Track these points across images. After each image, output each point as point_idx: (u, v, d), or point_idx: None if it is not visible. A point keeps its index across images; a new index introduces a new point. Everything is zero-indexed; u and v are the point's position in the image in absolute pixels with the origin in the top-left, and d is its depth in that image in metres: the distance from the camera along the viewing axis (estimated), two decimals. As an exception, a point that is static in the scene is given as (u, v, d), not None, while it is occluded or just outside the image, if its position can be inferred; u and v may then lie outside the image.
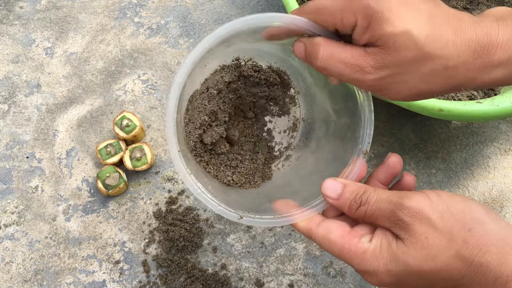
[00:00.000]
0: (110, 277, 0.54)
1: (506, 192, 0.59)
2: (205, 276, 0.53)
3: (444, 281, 0.30)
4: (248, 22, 0.36)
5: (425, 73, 0.31)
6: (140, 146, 0.59)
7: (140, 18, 0.72)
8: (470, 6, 0.64)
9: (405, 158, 0.61)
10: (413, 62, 0.31)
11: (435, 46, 0.31)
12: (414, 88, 0.32)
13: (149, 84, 0.66)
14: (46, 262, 0.55)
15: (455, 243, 0.29)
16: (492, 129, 0.64)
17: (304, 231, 0.35)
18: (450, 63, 0.31)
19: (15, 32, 0.71)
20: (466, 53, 0.31)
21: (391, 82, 0.32)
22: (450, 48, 0.31)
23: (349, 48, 0.32)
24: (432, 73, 0.31)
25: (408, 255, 0.30)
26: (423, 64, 0.31)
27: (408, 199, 0.30)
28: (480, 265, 0.29)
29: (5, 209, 0.58)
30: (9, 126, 0.63)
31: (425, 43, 0.30)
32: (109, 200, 0.58)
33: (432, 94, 0.33)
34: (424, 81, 0.31)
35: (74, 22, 0.72)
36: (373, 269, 0.31)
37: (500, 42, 0.31)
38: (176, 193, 0.59)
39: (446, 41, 0.31)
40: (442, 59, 0.31)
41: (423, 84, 0.32)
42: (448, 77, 0.31)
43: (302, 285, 0.53)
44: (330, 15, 0.33)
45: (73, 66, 0.68)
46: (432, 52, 0.31)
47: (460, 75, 0.31)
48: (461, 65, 0.31)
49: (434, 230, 0.30)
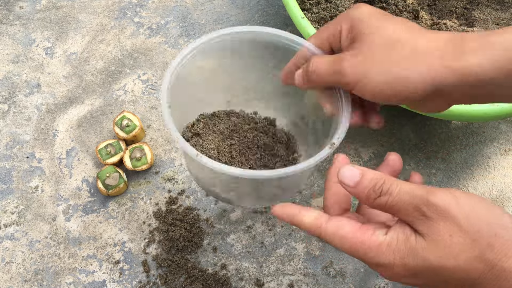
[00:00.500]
0: (110, 277, 0.54)
1: (506, 192, 0.59)
2: (205, 276, 0.53)
3: (462, 280, 0.30)
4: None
5: (396, 56, 0.33)
6: (140, 146, 0.59)
7: (140, 18, 0.72)
8: (470, 6, 0.64)
9: (405, 158, 0.61)
10: (384, 46, 0.33)
11: (404, 35, 0.33)
12: (388, 73, 0.33)
13: (149, 84, 0.67)
14: (46, 262, 0.55)
15: (480, 244, 0.29)
16: (492, 129, 0.64)
17: (312, 228, 0.34)
18: (419, 47, 0.33)
19: (15, 32, 0.71)
20: (437, 41, 0.33)
21: (365, 68, 0.34)
22: (421, 37, 0.33)
23: (332, 54, 0.37)
24: (402, 56, 0.33)
25: (428, 251, 0.30)
26: (392, 47, 0.33)
27: (434, 196, 0.30)
28: (503, 270, 0.29)
29: (5, 209, 0.58)
30: (9, 126, 0.63)
31: (394, 33, 0.34)
32: (109, 200, 0.58)
33: (408, 84, 0.33)
34: (396, 64, 0.33)
35: (74, 22, 0.72)
36: (388, 262, 0.31)
37: (472, 35, 0.32)
38: (176, 193, 0.59)
39: (418, 32, 0.34)
40: (411, 43, 0.33)
41: (395, 67, 0.33)
42: (418, 62, 0.32)
43: (302, 285, 0.53)
44: (325, 30, 0.39)
45: (73, 66, 0.68)
46: (401, 37, 0.33)
47: (433, 60, 0.32)
48: (432, 49, 0.32)
49: (459, 229, 0.29)
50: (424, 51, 0.33)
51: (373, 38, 0.34)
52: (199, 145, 0.48)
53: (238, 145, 0.49)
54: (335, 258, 0.55)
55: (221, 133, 0.50)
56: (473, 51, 0.31)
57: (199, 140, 0.48)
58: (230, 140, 0.49)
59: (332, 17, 0.61)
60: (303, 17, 0.56)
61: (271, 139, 0.50)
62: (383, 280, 0.53)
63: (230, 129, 0.50)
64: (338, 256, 0.55)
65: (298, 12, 0.56)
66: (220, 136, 0.49)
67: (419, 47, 0.33)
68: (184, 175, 0.60)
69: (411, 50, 0.33)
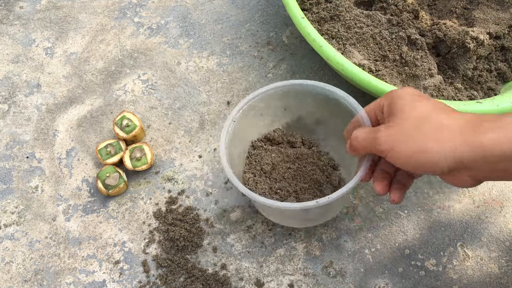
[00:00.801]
0: (110, 277, 0.54)
1: (506, 192, 0.59)
2: (205, 276, 0.53)
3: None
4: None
5: (423, 131, 0.38)
6: (140, 146, 0.59)
7: (140, 18, 0.72)
8: (470, 6, 0.64)
9: (405, 158, 0.61)
10: (414, 121, 0.39)
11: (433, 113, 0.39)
12: (414, 145, 0.38)
13: (149, 84, 0.67)
14: (46, 262, 0.55)
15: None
16: (492, 129, 0.64)
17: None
18: (444, 124, 0.37)
19: (15, 32, 0.71)
20: (459, 119, 0.37)
21: (397, 139, 0.39)
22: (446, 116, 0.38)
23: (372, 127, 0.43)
24: (428, 131, 0.38)
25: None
26: (422, 123, 0.38)
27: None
28: None
29: (5, 209, 0.58)
30: (9, 126, 0.63)
31: (425, 110, 0.39)
32: (109, 200, 0.58)
33: (431, 155, 0.37)
34: (422, 137, 0.38)
35: (74, 22, 0.72)
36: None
37: (490, 116, 0.37)
38: (176, 193, 0.59)
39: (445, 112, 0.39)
40: (437, 121, 0.38)
41: (421, 141, 0.38)
42: (441, 137, 0.37)
43: (302, 285, 0.53)
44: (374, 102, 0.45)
45: (73, 66, 0.68)
46: (430, 115, 0.38)
47: (454, 136, 0.37)
48: (454, 127, 0.37)
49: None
50: (447, 128, 0.37)
51: (406, 114, 0.39)
52: (259, 157, 0.55)
53: (294, 169, 0.55)
54: (335, 258, 0.55)
55: (287, 155, 0.56)
56: (490, 129, 0.35)
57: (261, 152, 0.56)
58: (292, 164, 0.55)
59: (332, 17, 0.61)
60: (303, 17, 0.56)
61: (325, 178, 0.54)
62: (383, 280, 0.54)
63: (294, 156, 0.56)
64: (338, 256, 0.55)
65: (298, 12, 0.56)
66: (283, 157, 0.56)
67: (444, 124, 0.38)
68: (184, 175, 0.60)
69: (436, 127, 0.38)
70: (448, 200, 0.58)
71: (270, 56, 0.69)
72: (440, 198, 0.58)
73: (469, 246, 0.55)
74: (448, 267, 0.54)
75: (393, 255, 0.55)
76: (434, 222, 0.57)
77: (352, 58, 0.57)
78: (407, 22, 0.61)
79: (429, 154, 0.37)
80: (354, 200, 0.58)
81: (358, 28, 0.60)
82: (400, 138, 0.39)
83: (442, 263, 0.54)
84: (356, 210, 0.57)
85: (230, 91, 0.66)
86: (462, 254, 0.55)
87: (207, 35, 0.71)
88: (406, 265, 0.54)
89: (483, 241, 0.56)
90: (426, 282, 0.53)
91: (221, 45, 0.70)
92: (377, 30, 0.60)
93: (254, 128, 0.56)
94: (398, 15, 0.62)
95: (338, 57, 0.53)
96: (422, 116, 0.39)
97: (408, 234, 0.56)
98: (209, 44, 0.70)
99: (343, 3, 0.62)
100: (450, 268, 0.54)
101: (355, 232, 0.56)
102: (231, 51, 0.69)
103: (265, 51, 0.69)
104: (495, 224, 0.57)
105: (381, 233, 0.56)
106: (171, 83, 0.66)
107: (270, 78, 0.67)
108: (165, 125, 0.63)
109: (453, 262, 0.54)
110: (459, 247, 0.55)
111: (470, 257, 0.55)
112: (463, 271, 0.54)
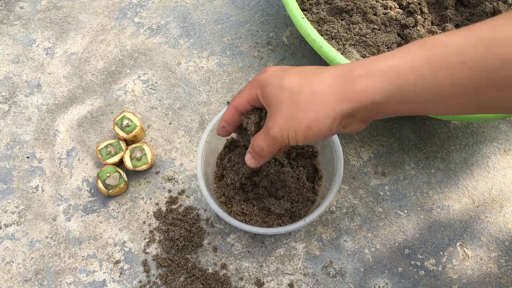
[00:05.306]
0: (110, 276, 0.54)
1: (506, 192, 0.59)
2: (205, 276, 0.53)
3: None
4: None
5: (302, 105, 0.38)
6: (140, 146, 0.59)
7: (140, 18, 0.72)
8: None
9: (405, 158, 0.61)
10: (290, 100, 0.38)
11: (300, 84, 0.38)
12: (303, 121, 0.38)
13: (149, 84, 0.67)
14: (47, 262, 0.55)
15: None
16: (491, 129, 0.64)
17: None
18: (316, 90, 0.37)
19: (16, 32, 0.71)
20: (329, 80, 0.37)
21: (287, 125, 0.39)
22: (314, 80, 0.38)
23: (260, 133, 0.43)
24: (306, 103, 0.38)
25: None
26: (296, 98, 0.38)
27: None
28: None
29: (5, 209, 0.58)
30: (10, 126, 0.64)
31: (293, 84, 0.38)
32: (109, 200, 0.59)
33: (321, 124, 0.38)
34: (304, 111, 0.38)
35: (74, 22, 0.72)
36: None
37: (358, 64, 0.37)
38: (176, 193, 0.59)
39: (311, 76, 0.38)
40: (308, 89, 0.38)
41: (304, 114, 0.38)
42: (319, 104, 0.37)
43: (302, 284, 0.53)
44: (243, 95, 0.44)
45: (73, 66, 0.68)
46: (299, 87, 0.38)
47: (329, 98, 0.37)
48: (326, 89, 0.37)
49: None
50: (320, 93, 0.37)
51: (279, 97, 0.39)
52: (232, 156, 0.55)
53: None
54: (335, 258, 0.55)
55: None
56: (362, 77, 0.36)
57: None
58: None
59: (331, 17, 0.61)
60: (303, 17, 0.56)
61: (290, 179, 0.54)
62: (383, 280, 0.54)
63: None
64: (338, 256, 0.55)
65: (298, 12, 0.57)
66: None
67: (316, 90, 0.38)
68: (184, 175, 0.60)
69: (311, 96, 0.38)
70: (448, 200, 0.58)
71: (270, 56, 0.69)
72: (440, 198, 0.58)
73: (468, 246, 0.55)
74: (447, 267, 0.54)
75: (393, 255, 0.55)
76: (434, 222, 0.57)
77: (352, 58, 0.57)
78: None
79: (318, 123, 0.38)
80: None
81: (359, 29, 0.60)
82: (289, 123, 0.39)
83: (441, 263, 0.54)
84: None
85: (230, 91, 0.66)
86: (462, 254, 0.55)
87: (207, 35, 0.71)
88: (406, 265, 0.54)
89: (482, 241, 0.56)
90: (426, 282, 0.53)
91: (221, 45, 0.70)
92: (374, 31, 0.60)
93: (221, 146, 0.58)
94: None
95: (338, 57, 0.53)
96: (294, 92, 0.38)
97: (407, 234, 0.56)
98: (209, 44, 0.70)
99: (342, 3, 0.62)
100: (450, 267, 0.54)
101: (355, 232, 0.56)
102: (231, 51, 0.69)
103: (265, 51, 0.69)
104: (494, 224, 0.57)
105: (381, 233, 0.56)
106: (171, 83, 0.67)
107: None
108: (165, 125, 0.63)
109: (452, 262, 0.55)
110: (458, 247, 0.55)
111: (469, 257, 0.55)
112: (462, 270, 0.54)
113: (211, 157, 0.55)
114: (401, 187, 0.59)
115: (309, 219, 0.49)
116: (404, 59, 0.34)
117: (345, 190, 0.59)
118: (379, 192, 0.59)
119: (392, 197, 0.58)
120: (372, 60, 0.36)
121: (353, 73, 0.36)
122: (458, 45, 0.32)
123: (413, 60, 0.34)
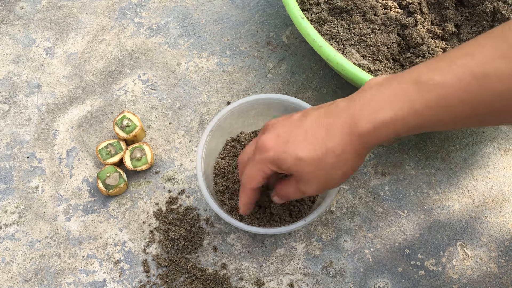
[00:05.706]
0: (111, 276, 0.54)
1: (506, 192, 0.59)
2: (205, 276, 0.53)
3: None
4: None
5: (328, 167, 0.40)
6: (140, 146, 0.59)
7: (140, 18, 0.73)
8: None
9: (405, 158, 0.61)
10: (314, 167, 0.40)
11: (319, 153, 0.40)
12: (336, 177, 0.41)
13: (149, 84, 0.67)
14: (47, 262, 0.55)
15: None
16: (491, 129, 0.64)
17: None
18: (336, 152, 0.39)
19: (16, 32, 0.71)
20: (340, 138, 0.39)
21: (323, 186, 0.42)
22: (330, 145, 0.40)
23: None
24: (331, 165, 0.40)
25: None
26: (320, 163, 0.40)
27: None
28: None
29: (5, 209, 0.58)
30: (10, 126, 0.64)
31: (311, 156, 0.40)
32: (109, 200, 0.59)
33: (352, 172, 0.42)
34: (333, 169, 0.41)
35: (74, 22, 0.72)
36: None
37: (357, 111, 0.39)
38: (176, 193, 0.59)
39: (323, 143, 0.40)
40: (330, 155, 0.40)
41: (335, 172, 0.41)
42: (343, 160, 0.40)
43: (302, 284, 0.53)
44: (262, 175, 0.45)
45: (73, 66, 0.68)
46: (320, 156, 0.40)
47: (349, 154, 0.39)
48: (343, 152, 0.39)
49: None
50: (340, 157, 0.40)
51: (303, 169, 0.41)
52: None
53: None
54: (335, 258, 0.55)
55: None
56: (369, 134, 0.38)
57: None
58: None
59: (331, 17, 0.61)
60: (303, 17, 0.56)
61: None
62: (383, 280, 0.54)
63: None
64: (338, 256, 0.55)
65: (298, 12, 0.57)
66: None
67: (335, 154, 0.40)
68: (184, 175, 0.60)
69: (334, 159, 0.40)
70: (448, 200, 0.58)
71: (270, 56, 0.69)
72: (440, 198, 0.58)
73: (468, 246, 0.56)
74: (447, 267, 0.54)
75: (393, 255, 0.55)
76: (434, 222, 0.57)
77: (352, 58, 0.57)
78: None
79: (348, 174, 0.41)
80: None
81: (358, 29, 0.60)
82: (324, 185, 0.42)
83: (441, 263, 0.54)
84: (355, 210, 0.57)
85: (230, 91, 0.66)
86: (462, 254, 0.55)
87: (207, 35, 0.71)
88: (406, 265, 0.54)
89: (482, 241, 0.56)
90: (426, 282, 0.53)
91: (221, 45, 0.70)
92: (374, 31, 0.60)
93: (221, 145, 0.58)
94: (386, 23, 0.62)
95: (338, 57, 0.53)
96: (315, 161, 0.40)
97: (407, 234, 0.56)
98: (209, 44, 0.70)
99: (342, 4, 0.62)
100: (450, 267, 0.54)
101: (355, 232, 0.56)
102: (231, 51, 0.69)
103: (265, 51, 0.69)
104: (494, 224, 0.57)
105: (381, 233, 0.56)
106: (171, 83, 0.67)
107: (270, 78, 0.67)
108: (165, 125, 0.63)
109: (452, 262, 0.55)
110: (458, 246, 0.56)
111: (469, 257, 0.55)
112: (462, 270, 0.54)
113: (211, 157, 0.55)
114: (401, 187, 0.59)
115: (309, 219, 0.49)
116: (407, 108, 0.36)
117: (345, 190, 0.59)
118: (379, 192, 0.59)
119: (392, 197, 0.58)
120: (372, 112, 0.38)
121: (357, 127, 0.38)
122: (453, 85, 0.34)
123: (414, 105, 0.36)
